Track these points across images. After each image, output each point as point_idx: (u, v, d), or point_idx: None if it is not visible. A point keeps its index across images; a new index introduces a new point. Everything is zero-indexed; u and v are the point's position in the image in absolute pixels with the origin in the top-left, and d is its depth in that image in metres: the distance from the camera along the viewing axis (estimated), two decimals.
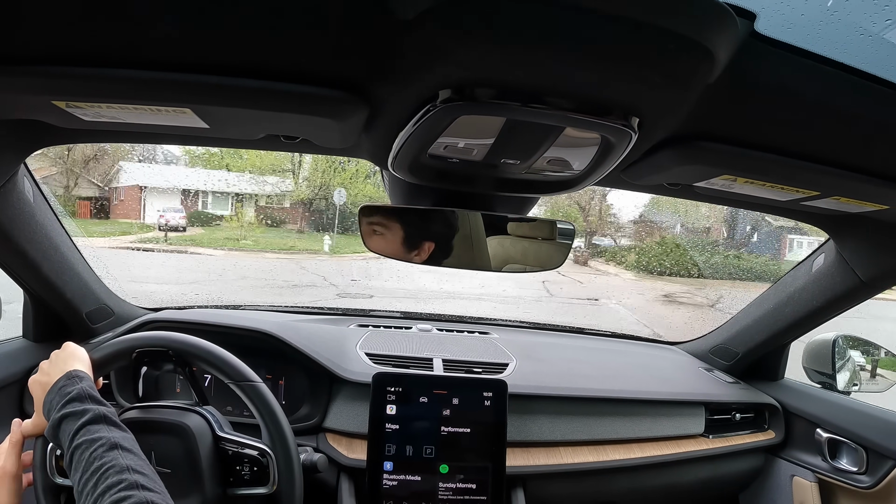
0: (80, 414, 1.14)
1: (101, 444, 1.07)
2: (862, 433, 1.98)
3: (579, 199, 14.63)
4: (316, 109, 0.98)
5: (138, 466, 1.05)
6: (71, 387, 1.21)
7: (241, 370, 1.42)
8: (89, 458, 1.05)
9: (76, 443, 1.09)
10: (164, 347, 1.43)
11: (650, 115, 0.93)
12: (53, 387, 1.23)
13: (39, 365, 1.34)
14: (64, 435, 1.13)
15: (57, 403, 1.18)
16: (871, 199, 1.29)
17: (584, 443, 1.95)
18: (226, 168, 14.06)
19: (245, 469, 1.37)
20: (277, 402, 1.42)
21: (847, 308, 1.98)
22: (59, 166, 14.17)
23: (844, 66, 0.80)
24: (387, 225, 1.43)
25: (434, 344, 2.15)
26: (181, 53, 0.84)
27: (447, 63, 0.79)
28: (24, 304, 1.88)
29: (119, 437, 1.10)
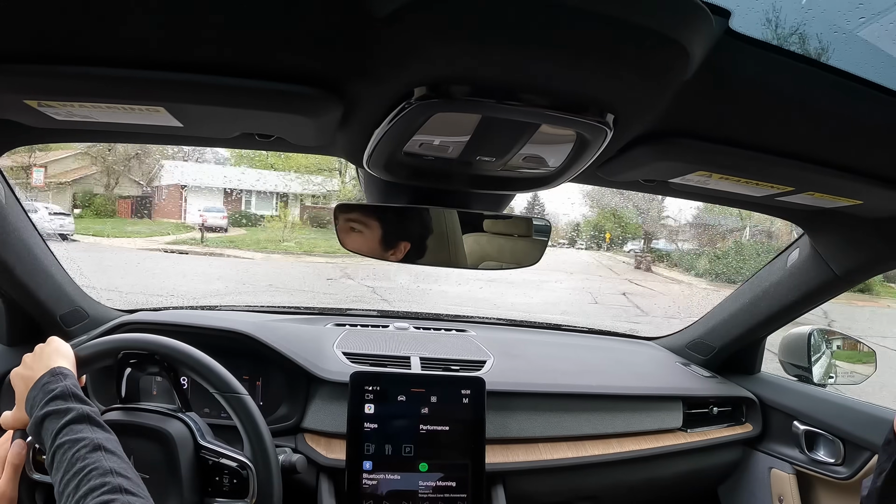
0: (63, 412, 1.12)
1: (85, 445, 1.05)
2: (838, 425, 1.99)
3: (638, 201, 14.47)
4: (290, 107, 0.97)
5: (122, 469, 1.03)
6: (55, 384, 1.19)
7: (228, 381, 1.40)
8: (72, 459, 1.03)
9: (59, 442, 1.07)
10: (151, 351, 1.41)
11: (625, 111, 0.93)
12: (37, 383, 1.20)
13: (23, 358, 1.32)
14: (46, 433, 1.11)
15: (40, 401, 1.16)
16: (845, 194, 1.30)
17: (563, 439, 1.96)
18: (271, 168, 13.81)
19: (225, 480, 1.36)
20: (262, 416, 1.41)
21: (822, 302, 2.00)
22: (99, 165, 13.98)
23: (818, 62, 0.81)
24: (363, 223, 1.43)
25: (411, 342, 2.15)
26: (154, 51, 0.83)
27: (422, 60, 0.78)
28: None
29: (103, 439, 1.09)
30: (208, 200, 14.24)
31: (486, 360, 2.04)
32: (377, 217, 1.44)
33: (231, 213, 13.97)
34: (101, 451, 1.05)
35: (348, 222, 1.43)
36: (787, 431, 2.16)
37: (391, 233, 1.45)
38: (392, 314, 2.67)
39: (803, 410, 2.11)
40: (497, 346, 2.20)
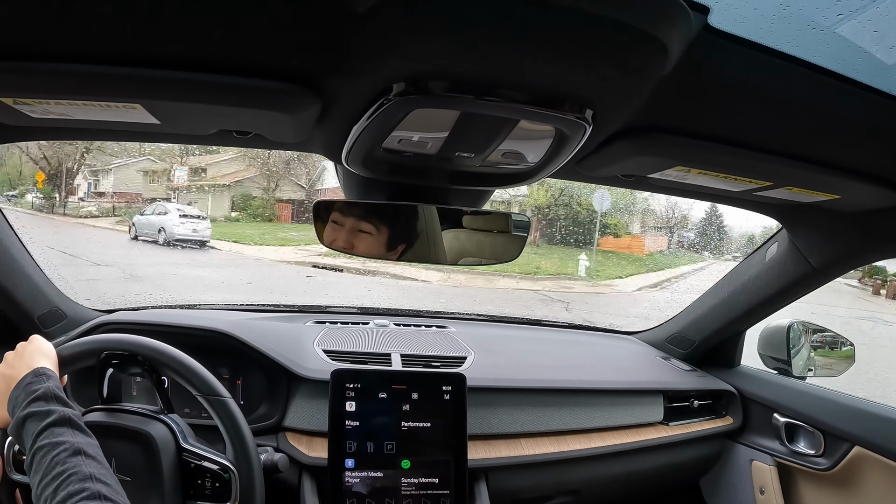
0: (44, 414, 1.11)
1: (65, 449, 1.04)
2: (818, 417, 2.01)
3: None
4: (268, 103, 0.97)
5: (101, 475, 1.02)
6: (37, 385, 1.18)
7: (211, 383, 1.40)
8: (51, 462, 1.03)
9: (38, 444, 1.07)
10: (134, 352, 1.40)
11: (604, 107, 0.93)
12: (20, 383, 1.19)
13: (5, 356, 1.31)
14: (27, 434, 1.10)
15: (22, 401, 1.15)
16: (823, 189, 1.31)
17: (545, 434, 1.96)
18: None
19: (207, 483, 1.35)
20: (244, 418, 1.40)
21: (800, 295, 2.02)
22: (257, 168, 13.69)
23: (797, 59, 0.81)
24: (341, 220, 1.42)
25: (392, 339, 2.14)
26: (130, 47, 0.82)
27: (400, 56, 0.78)
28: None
29: (83, 443, 1.08)
30: None
31: (466, 357, 2.04)
32: (355, 214, 1.43)
33: None
34: (81, 455, 1.05)
35: (327, 218, 1.42)
36: (768, 424, 2.17)
37: (370, 229, 1.44)
38: (372, 311, 2.66)
39: (783, 403, 2.13)
40: (477, 342, 2.20)
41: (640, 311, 9.09)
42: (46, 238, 11.44)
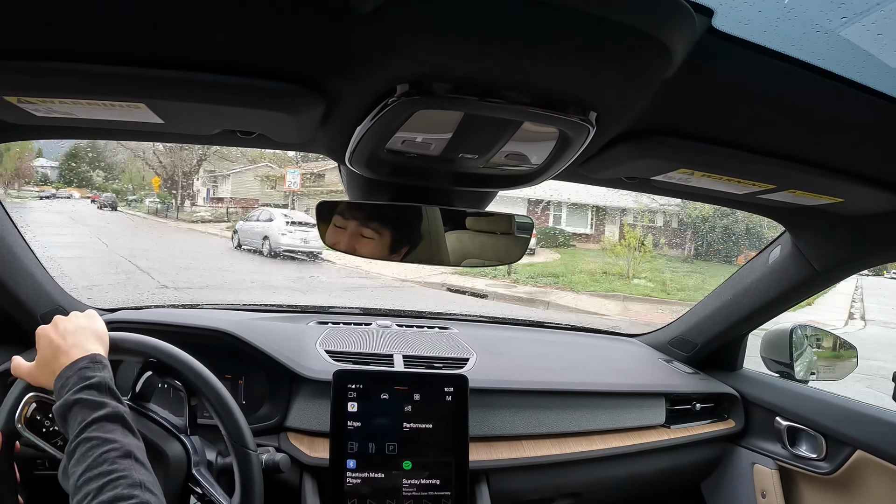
0: (96, 405, 1.11)
1: (115, 448, 1.04)
2: (820, 420, 2.01)
3: None
4: (272, 104, 0.97)
5: (150, 484, 1.03)
6: (93, 372, 1.17)
7: (245, 434, 1.39)
8: (98, 458, 1.03)
9: (87, 435, 1.06)
10: (182, 372, 1.40)
11: (607, 109, 0.93)
12: (73, 364, 1.18)
13: (55, 319, 1.31)
14: (73, 419, 1.10)
15: (74, 384, 1.14)
16: (826, 192, 1.31)
17: (546, 436, 1.96)
18: None
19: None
20: (262, 480, 1.39)
21: (803, 298, 2.02)
22: None
23: (801, 62, 0.81)
24: (344, 222, 1.42)
25: (394, 340, 2.14)
26: (135, 47, 0.83)
27: (404, 57, 0.78)
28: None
29: (134, 446, 1.08)
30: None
31: (468, 358, 2.04)
32: (358, 215, 1.43)
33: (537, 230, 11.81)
34: (132, 459, 1.05)
35: (330, 220, 1.42)
36: (770, 427, 2.17)
37: (373, 230, 1.44)
38: (374, 312, 2.66)
39: (785, 406, 2.13)
40: (480, 344, 2.20)
41: None
42: (131, 241, 11.52)
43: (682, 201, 11.47)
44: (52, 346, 1.24)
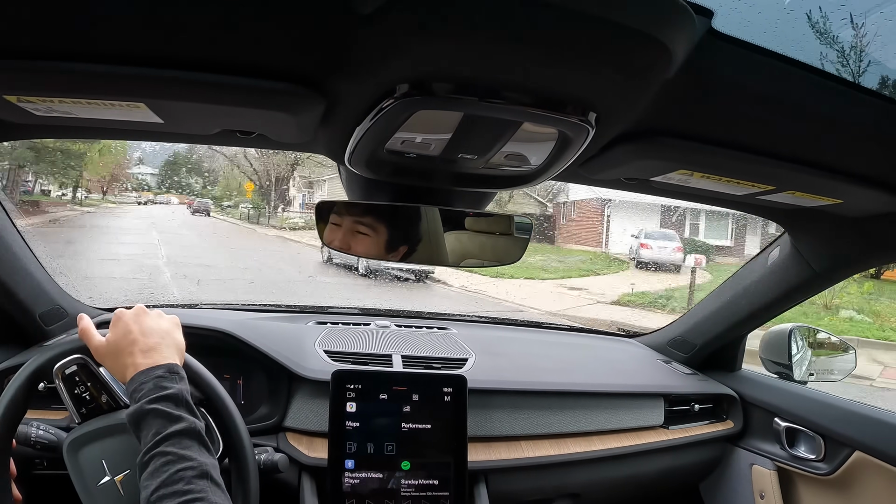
0: (173, 418, 1.10)
1: (192, 467, 1.04)
2: (819, 421, 2.01)
3: None
4: (272, 104, 0.97)
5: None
6: (170, 383, 1.16)
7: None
8: (174, 475, 1.02)
9: (162, 449, 1.06)
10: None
11: (607, 110, 0.93)
12: (149, 371, 1.17)
13: (137, 309, 1.32)
14: (148, 428, 1.09)
15: (150, 393, 1.13)
16: (826, 193, 1.31)
17: (545, 436, 1.96)
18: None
19: None
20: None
21: (802, 300, 2.02)
22: None
23: (800, 63, 0.81)
24: (344, 221, 1.42)
25: (393, 340, 2.14)
26: (135, 47, 0.82)
27: (404, 58, 0.78)
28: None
29: (210, 466, 1.07)
30: (641, 221, 11.23)
31: (467, 358, 2.04)
32: (358, 215, 1.43)
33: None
34: (209, 480, 1.05)
35: (329, 220, 1.42)
36: (768, 428, 2.17)
37: (371, 229, 1.44)
38: (373, 312, 2.66)
39: (784, 407, 2.13)
40: (478, 344, 2.20)
41: None
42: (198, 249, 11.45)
43: None
44: (129, 339, 1.23)
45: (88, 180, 20.82)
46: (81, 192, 20.14)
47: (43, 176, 17.86)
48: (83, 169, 18.56)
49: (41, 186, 19.74)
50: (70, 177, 18.21)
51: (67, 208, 18.49)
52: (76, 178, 19.05)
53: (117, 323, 1.27)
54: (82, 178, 19.25)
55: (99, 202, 21.21)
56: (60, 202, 18.90)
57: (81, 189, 20.27)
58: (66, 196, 19.86)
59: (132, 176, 23.89)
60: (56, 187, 19.92)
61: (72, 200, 19.47)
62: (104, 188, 21.68)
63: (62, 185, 19.62)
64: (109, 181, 21.32)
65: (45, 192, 19.78)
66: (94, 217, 17.28)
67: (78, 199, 19.61)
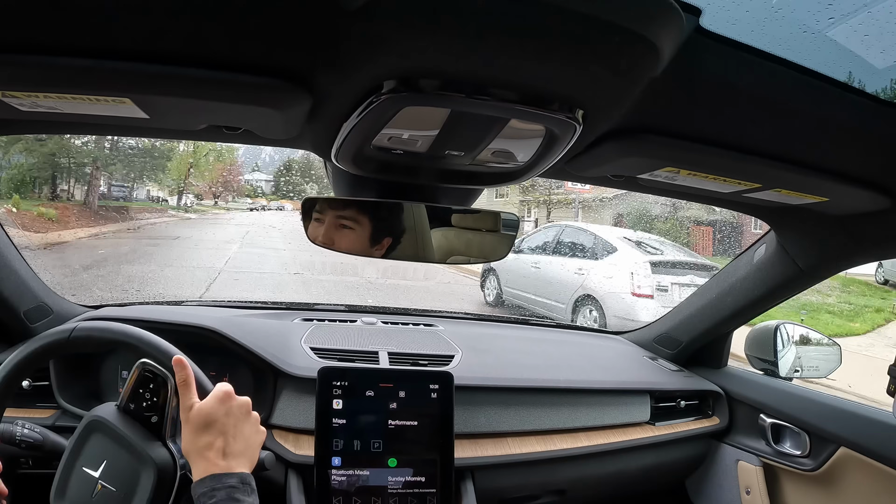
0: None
1: None
2: (804, 418, 2.02)
3: None
4: (258, 99, 0.97)
5: None
6: (242, 495, 1.15)
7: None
8: None
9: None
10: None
11: (595, 107, 0.93)
12: (223, 477, 1.16)
13: (235, 402, 1.28)
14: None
15: (219, 498, 1.12)
16: (812, 191, 1.32)
17: (532, 433, 1.96)
18: None
19: (147, 399, 1.34)
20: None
21: (787, 297, 2.03)
22: None
23: (787, 62, 0.82)
24: (327, 217, 1.41)
25: (379, 337, 2.14)
26: (120, 42, 0.82)
27: (392, 54, 0.78)
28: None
29: None
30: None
31: (454, 355, 2.04)
32: (343, 211, 1.43)
33: None
34: None
35: (315, 216, 1.42)
36: (754, 424, 2.18)
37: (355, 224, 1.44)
38: (360, 309, 2.65)
39: (769, 403, 2.14)
40: (465, 341, 2.20)
41: None
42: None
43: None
44: (219, 428, 1.21)
45: (197, 186, 21.18)
46: (189, 197, 20.59)
47: (143, 181, 17.91)
48: (179, 176, 18.97)
49: (148, 191, 19.84)
50: (158, 181, 18.27)
51: (167, 214, 18.43)
52: (179, 183, 19.26)
53: (222, 402, 1.25)
54: (189, 183, 19.57)
55: (209, 208, 21.25)
56: (158, 208, 18.86)
57: (190, 194, 20.71)
58: (165, 202, 19.97)
59: (247, 182, 23.97)
60: (166, 193, 20.13)
61: (177, 206, 19.55)
62: (215, 194, 21.89)
63: (171, 191, 19.81)
64: (221, 187, 21.64)
65: (155, 198, 20.24)
66: (182, 226, 17.38)
67: (183, 204, 19.68)
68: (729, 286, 2.14)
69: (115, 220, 15.53)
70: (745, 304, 2.11)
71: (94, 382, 1.83)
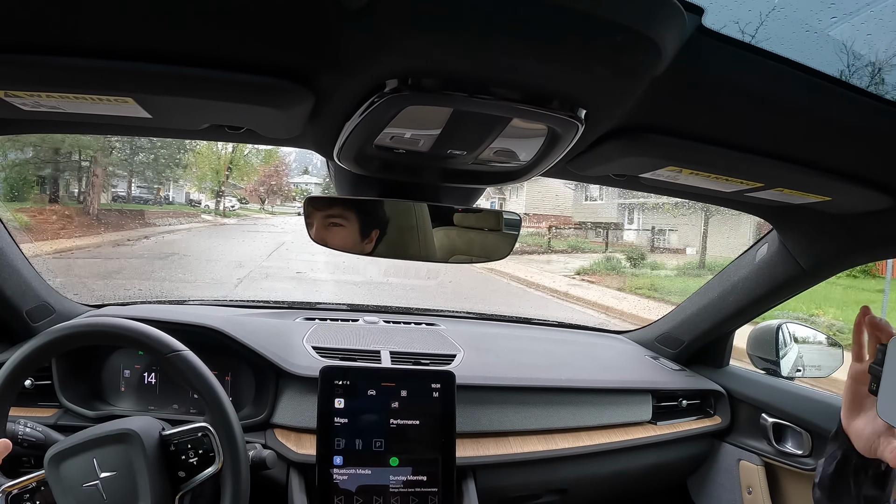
0: None
1: None
2: (806, 417, 2.02)
3: None
4: (260, 99, 0.96)
5: None
6: None
7: (165, 341, 1.41)
8: None
9: None
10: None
11: (597, 106, 0.93)
12: None
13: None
14: None
15: None
16: (814, 191, 1.31)
17: (533, 432, 1.97)
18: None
19: (190, 455, 1.36)
20: (209, 370, 1.42)
21: (789, 296, 2.03)
22: None
23: (790, 61, 0.81)
24: (332, 217, 1.42)
25: (381, 336, 2.14)
26: (123, 41, 0.82)
27: (394, 53, 0.78)
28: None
29: None
30: None
31: (456, 354, 2.04)
32: (346, 210, 1.43)
33: None
34: None
35: (317, 216, 1.42)
36: (756, 424, 2.18)
37: (361, 226, 1.44)
38: (362, 308, 2.66)
39: (771, 403, 2.14)
40: (467, 340, 2.21)
41: None
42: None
43: None
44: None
45: (242, 189, 20.51)
46: (230, 200, 19.90)
47: (162, 180, 17.23)
48: (211, 177, 18.23)
49: (187, 194, 18.98)
50: (176, 178, 17.61)
51: (198, 219, 17.63)
52: (215, 185, 18.59)
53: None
54: (229, 185, 18.92)
55: (252, 212, 20.58)
56: (188, 211, 18.02)
57: (232, 197, 20.01)
58: (198, 204, 19.25)
59: (296, 186, 23.19)
60: (207, 196, 19.31)
61: (215, 210, 18.88)
62: (261, 198, 21.31)
63: (212, 193, 19.06)
64: (268, 191, 21.22)
65: (195, 202, 19.30)
66: (202, 236, 15.73)
67: (223, 208, 19.06)
68: (731, 285, 2.14)
69: (117, 228, 13.60)
70: (746, 303, 2.11)
71: (96, 382, 1.84)
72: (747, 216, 1.86)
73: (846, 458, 1.22)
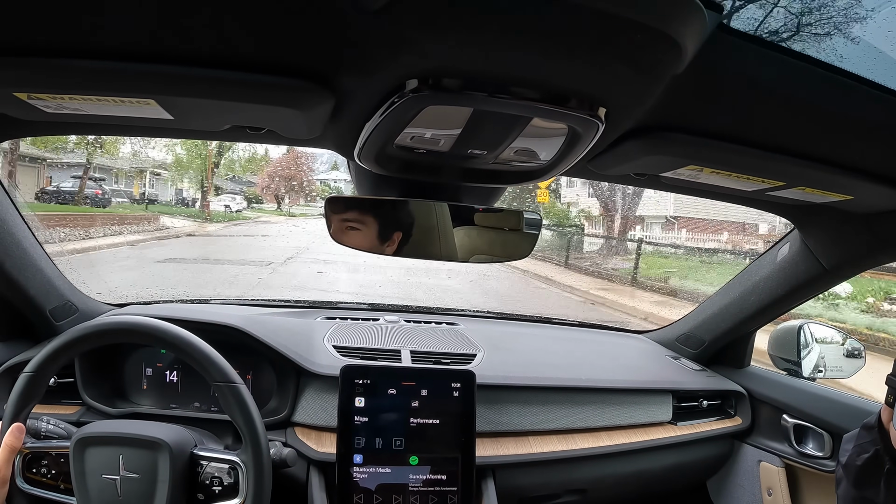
0: None
1: None
2: (827, 419, 2.00)
3: None
4: (281, 100, 0.97)
5: None
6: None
7: (225, 370, 1.41)
8: None
9: None
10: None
11: (617, 106, 0.93)
12: None
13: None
14: None
15: None
16: (836, 189, 1.31)
17: (553, 432, 1.96)
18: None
19: (215, 483, 1.37)
20: (256, 406, 1.42)
21: (811, 296, 2.02)
22: None
23: (811, 58, 0.81)
24: (353, 217, 1.42)
25: (402, 335, 2.15)
26: (145, 44, 0.83)
27: (414, 53, 0.78)
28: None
29: None
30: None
31: (476, 354, 2.04)
32: (367, 210, 1.44)
33: None
34: None
35: (338, 216, 1.42)
36: (777, 425, 2.17)
37: (382, 226, 1.44)
38: (382, 307, 2.67)
39: (792, 404, 2.12)
40: (487, 340, 2.21)
41: None
42: None
43: None
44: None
45: (255, 185, 18.72)
46: (233, 198, 18.20)
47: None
48: (186, 171, 16.19)
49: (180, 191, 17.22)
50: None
51: (157, 226, 15.26)
52: (201, 177, 16.70)
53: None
54: (237, 182, 17.20)
55: (262, 212, 18.61)
56: (148, 214, 15.86)
57: (238, 195, 18.35)
58: (196, 205, 17.37)
59: (323, 183, 21.40)
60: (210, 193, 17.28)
61: (199, 212, 16.87)
62: (279, 196, 19.59)
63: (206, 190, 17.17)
64: (287, 188, 19.61)
65: (189, 200, 17.55)
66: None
67: (207, 211, 17.06)
68: (752, 285, 2.13)
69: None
70: (768, 303, 2.10)
71: (119, 379, 1.85)
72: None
73: (878, 457, 1.21)
